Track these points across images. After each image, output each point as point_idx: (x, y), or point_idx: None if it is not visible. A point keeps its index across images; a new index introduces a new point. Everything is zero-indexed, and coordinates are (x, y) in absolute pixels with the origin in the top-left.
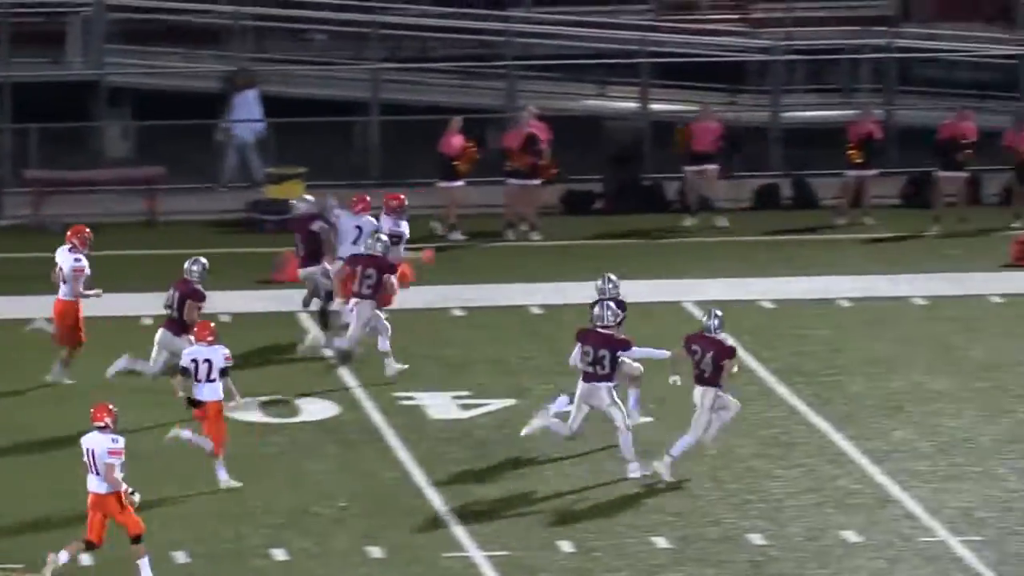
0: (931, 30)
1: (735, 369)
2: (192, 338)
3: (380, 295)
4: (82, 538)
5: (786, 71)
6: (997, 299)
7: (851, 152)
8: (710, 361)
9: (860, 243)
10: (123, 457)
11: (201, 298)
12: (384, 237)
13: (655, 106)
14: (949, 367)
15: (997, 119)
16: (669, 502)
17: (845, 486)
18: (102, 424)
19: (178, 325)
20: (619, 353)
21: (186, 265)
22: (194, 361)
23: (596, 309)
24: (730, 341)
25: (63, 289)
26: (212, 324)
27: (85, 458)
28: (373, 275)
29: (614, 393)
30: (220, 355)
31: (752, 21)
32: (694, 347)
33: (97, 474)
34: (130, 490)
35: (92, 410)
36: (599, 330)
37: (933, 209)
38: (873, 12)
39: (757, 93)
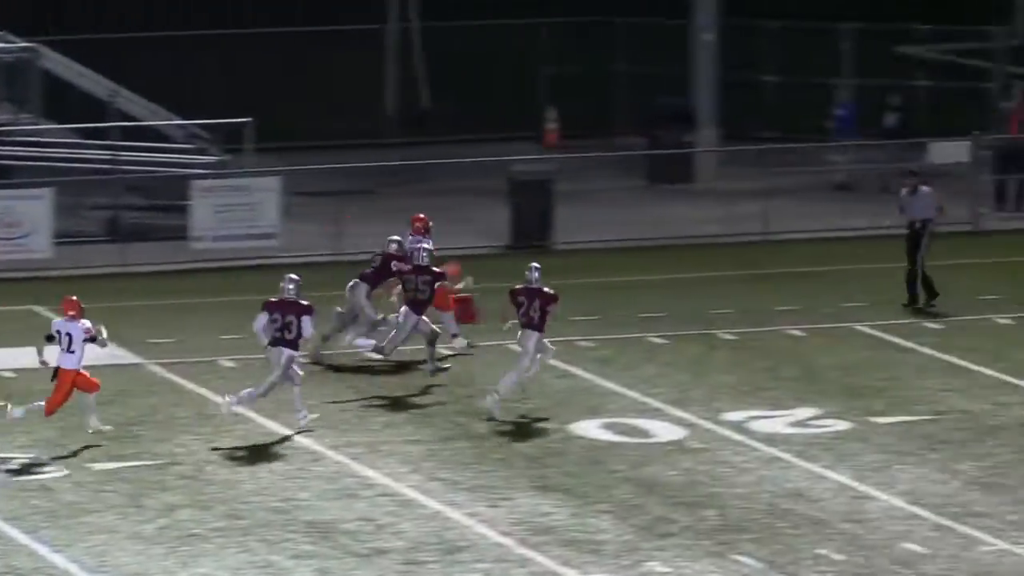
0: None
1: (557, 312)
2: None
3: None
4: None
5: None
6: None
7: None
8: (537, 308)
9: None
10: None
11: None
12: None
13: None
14: None
15: None
16: None
17: None
18: None
19: None
20: (304, 318)
21: None
22: (58, 332)
23: (285, 283)
24: (551, 290)
25: None
26: (76, 299)
27: None
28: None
29: (294, 358)
30: (80, 329)
31: None
32: (520, 298)
33: None
34: None
35: None
36: (288, 300)
37: None
38: None
39: None
